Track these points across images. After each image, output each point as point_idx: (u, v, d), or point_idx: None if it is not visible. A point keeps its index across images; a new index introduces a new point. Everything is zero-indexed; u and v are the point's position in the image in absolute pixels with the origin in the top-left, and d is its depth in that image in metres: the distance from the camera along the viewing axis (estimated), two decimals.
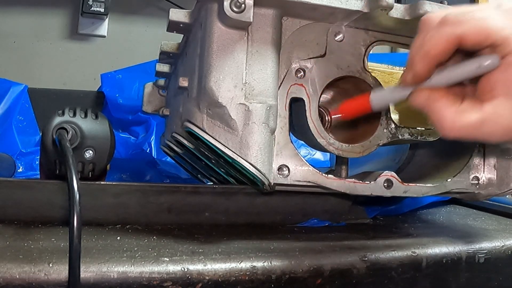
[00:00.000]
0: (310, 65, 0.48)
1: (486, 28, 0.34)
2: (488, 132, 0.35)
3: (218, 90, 0.43)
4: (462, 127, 0.35)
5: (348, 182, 0.48)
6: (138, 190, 0.48)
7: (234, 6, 0.42)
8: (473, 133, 0.35)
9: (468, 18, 0.34)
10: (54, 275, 0.33)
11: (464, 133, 0.35)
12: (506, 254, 0.49)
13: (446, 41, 0.35)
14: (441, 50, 0.35)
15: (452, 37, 0.34)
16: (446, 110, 0.35)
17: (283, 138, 0.47)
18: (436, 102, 0.36)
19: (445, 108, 0.36)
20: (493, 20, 0.34)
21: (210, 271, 0.37)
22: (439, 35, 0.35)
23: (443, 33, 0.35)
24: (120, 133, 1.00)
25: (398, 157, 0.64)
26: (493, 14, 0.34)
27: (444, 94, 0.36)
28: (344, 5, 0.45)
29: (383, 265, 0.43)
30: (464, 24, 0.34)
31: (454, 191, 0.53)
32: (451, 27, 0.34)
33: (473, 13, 0.34)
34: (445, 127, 0.36)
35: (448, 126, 0.35)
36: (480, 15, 0.34)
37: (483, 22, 0.34)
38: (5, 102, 0.96)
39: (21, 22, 1.20)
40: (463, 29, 0.34)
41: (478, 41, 0.34)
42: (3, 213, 0.45)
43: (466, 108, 0.35)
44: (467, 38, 0.34)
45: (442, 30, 0.35)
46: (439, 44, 0.35)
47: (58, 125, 0.46)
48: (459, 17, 0.34)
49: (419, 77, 0.37)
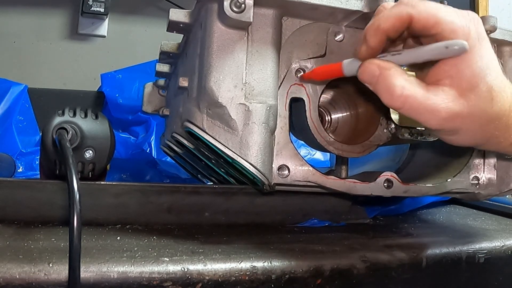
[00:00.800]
0: (310, 65, 0.48)
1: (435, 15, 0.36)
2: (429, 111, 0.36)
3: (218, 90, 0.43)
4: (409, 97, 0.36)
5: (348, 182, 0.48)
6: (138, 190, 0.48)
7: (234, 6, 0.42)
8: (417, 107, 0.36)
9: (422, 3, 0.36)
10: (54, 275, 0.33)
11: (409, 104, 0.36)
12: (506, 254, 0.49)
13: (395, 17, 0.37)
14: (391, 25, 0.37)
15: (403, 15, 0.36)
16: (397, 78, 0.37)
17: (283, 138, 0.47)
18: (387, 71, 0.37)
19: (396, 75, 0.37)
20: (445, 12, 0.36)
21: (210, 271, 0.37)
22: (390, 12, 0.37)
23: (395, 10, 0.37)
24: (120, 133, 1.00)
25: (398, 157, 0.64)
26: (446, 8, 0.36)
27: (394, 65, 0.38)
28: (344, 5, 0.45)
29: (383, 265, 0.43)
30: (417, 7, 0.36)
31: (454, 191, 0.53)
32: (404, 6, 0.37)
33: (428, 2, 0.36)
34: (394, 94, 0.36)
35: (397, 94, 0.36)
36: (434, 5, 0.36)
37: (435, 11, 0.36)
38: (5, 102, 0.96)
39: (21, 22, 1.20)
40: (415, 11, 0.36)
41: (427, 25, 0.36)
42: (3, 213, 0.45)
43: (414, 81, 0.37)
44: (417, 19, 0.36)
45: (395, 8, 0.37)
46: (389, 19, 0.37)
47: (58, 125, 0.46)
48: (415, 1, 0.37)
49: (371, 50, 0.39)
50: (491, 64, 0.37)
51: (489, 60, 0.37)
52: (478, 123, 0.37)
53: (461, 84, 0.36)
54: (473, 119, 0.37)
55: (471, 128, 0.38)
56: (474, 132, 0.38)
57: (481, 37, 0.37)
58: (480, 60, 0.36)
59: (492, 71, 0.37)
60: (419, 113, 0.37)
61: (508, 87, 0.38)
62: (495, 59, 0.38)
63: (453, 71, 0.36)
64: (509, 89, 0.38)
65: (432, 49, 0.36)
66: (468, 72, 0.36)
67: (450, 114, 0.36)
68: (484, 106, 0.37)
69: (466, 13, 0.37)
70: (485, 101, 0.37)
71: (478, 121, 0.37)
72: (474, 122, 0.37)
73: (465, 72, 0.36)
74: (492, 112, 0.37)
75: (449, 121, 0.37)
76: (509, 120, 0.38)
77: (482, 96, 0.36)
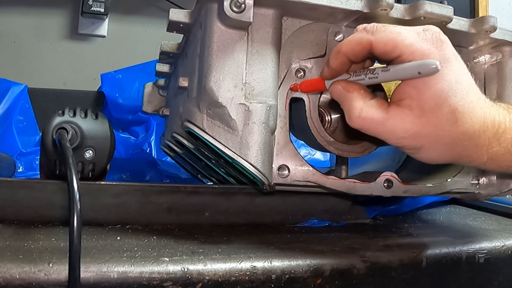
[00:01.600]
0: (310, 65, 0.48)
1: (394, 39, 0.37)
2: (386, 131, 0.39)
3: (218, 90, 0.43)
4: (366, 119, 0.39)
5: (348, 182, 0.48)
6: (138, 190, 0.48)
7: (234, 6, 0.42)
8: (375, 128, 0.39)
9: (382, 30, 0.38)
10: (54, 275, 0.33)
11: (367, 126, 0.39)
12: (506, 254, 0.49)
13: (356, 43, 0.39)
14: (351, 49, 0.40)
15: (363, 41, 0.39)
16: (357, 101, 0.39)
17: (283, 138, 0.47)
18: (349, 93, 0.40)
19: (356, 99, 0.40)
20: (404, 36, 0.37)
21: (210, 271, 0.37)
22: (352, 37, 0.40)
23: (357, 36, 0.40)
24: (120, 133, 1.00)
25: (398, 157, 0.64)
26: (406, 31, 0.38)
27: (357, 88, 0.40)
28: (344, 5, 0.45)
29: (383, 265, 0.43)
30: (377, 33, 0.38)
31: (454, 191, 0.53)
32: (365, 33, 0.39)
33: (389, 27, 0.38)
34: (352, 115, 0.40)
35: (354, 116, 0.39)
36: (393, 29, 0.38)
37: (395, 35, 0.38)
38: (5, 102, 0.96)
39: (21, 22, 1.20)
40: (374, 37, 0.38)
41: (386, 50, 0.38)
42: (3, 213, 0.45)
43: (373, 104, 0.39)
44: (376, 45, 0.38)
45: (357, 34, 0.40)
46: (349, 44, 0.40)
47: (58, 125, 0.46)
48: (377, 27, 0.39)
49: (332, 70, 0.42)
50: (457, 86, 0.37)
51: (454, 82, 0.37)
52: (442, 142, 0.38)
53: (421, 105, 0.37)
54: (435, 139, 0.38)
55: (435, 147, 0.39)
56: (440, 151, 0.39)
57: (445, 59, 0.37)
58: (442, 82, 0.37)
59: (458, 93, 0.37)
60: (378, 133, 0.39)
61: (479, 108, 0.38)
62: (464, 80, 0.38)
63: (414, 93, 0.37)
64: (480, 109, 0.38)
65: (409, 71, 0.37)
66: (428, 94, 0.37)
67: (407, 133, 0.38)
68: (448, 128, 0.37)
69: (431, 36, 0.38)
70: (448, 122, 0.37)
71: (441, 140, 0.38)
72: (437, 141, 0.38)
73: (425, 94, 0.37)
74: (458, 133, 0.38)
75: (409, 140, 0.38)
76: (480, 140, 0.38)
77: (444, 118, 0.37)
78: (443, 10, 0.46)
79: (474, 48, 0.54)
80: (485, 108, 0.38)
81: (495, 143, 0.39)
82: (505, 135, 0.39)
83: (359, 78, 0.41)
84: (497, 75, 0.53)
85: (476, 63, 0.54)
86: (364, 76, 0.40)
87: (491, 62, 0.53)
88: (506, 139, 0.39)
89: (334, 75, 0.42)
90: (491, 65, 0.54)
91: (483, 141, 0.38)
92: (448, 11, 0.46)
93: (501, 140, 0.39)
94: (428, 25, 0.39)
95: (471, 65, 0.54)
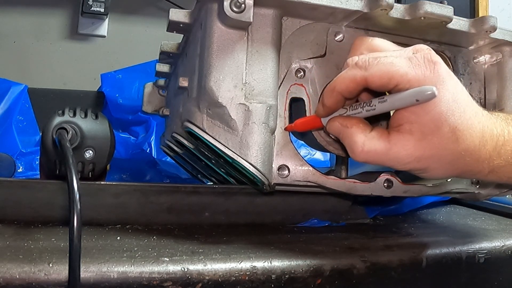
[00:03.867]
0: (310, 65, 0.48)
1: (388, 72, 0.37)
2: (391, 159, 0.39)
3: (218, 90, 0.43)
4: (369, 152, 0.39)
5: (348, 182, 0.48)
6: (138, 190, 0.48)
7: (234, 6, 0.42)
8: (380, 158, 0.39)
9: (375, 63, 0.38)
10: (54, 275, 0.33)
11: (372, 158, 0.39)
12: (506, 254, 0.49)
13: (350, 80, 0.39)
14: (345, 88, 0.40)
15: (357, 78, 0.39)
16: (357, 136, 0.39)
17: (283, 138, 0.47)
18: (348, 129, 0.40)
19: (356, 134, 0.40)
20: (397, 66, 0.37)
21: (210, 271, 0.37)
22: (346, 75, 0.39)
23: (350, 73, 0.39)
24: (120, 133, 1.00)
25: None
26: (398, 60, 0.37)
27: (356, 123, 0.40)
28: (344, 5, 0.45)
29: (383, 265, 0.43)
30: (370, 68, 0.38)
31: (454, 191, 0.53)
32: (358, 69, 0.39)
33: (380, 59, 0.38)
34: (355, 151, 0.40)
35: (358, 151, 0.39)
36: (386, 61, 0.38)
37: (388, 67, 0.37)
38: (5, 102, 0.96)
39: (21, 22, 1.20)
40: (369, 73, 0.38)
41: (382, 83, 0.38)
42: (3, 213, 0.45)
43: (374, 136, 0.39)
44: (371, 80, 0.38)
45: (350, 71, 0.39)
46: (344, 82, 0.40)
47: (58, 125, 0.46)
48: (368, 61, 0.38)
49: (327, 108, 0.42)
50: (454, 105, 0.37)
51: (451, 101, 0.37)
52: (446, 161, 0.38)
53: (421, 128, 0.37)
54: (439, 158, 0.38)
55: (439, 166, 0.39)
56: (444, 169, 0.39)
57: (440, 80, 0.37)
58: (440, 105, 0.37)
59: (456, 111, 0.37)
60: (383, 163, 0.39)
61: (477, 122, 0.38)
62: (460, 97, 0.38)
63: (413, 118, 0.38)
64: (478, 124, 0.38)
65: (401, 99, 0.37)
66: (427, 118, 0.37)
67: (412, 158, 0.38)
68: (450, 146, 0.37)
69: (423, 60, 0.38)
70: (450, 141, 0.37)
71: (444, 159, 0.38)
72: (440, 161, 0.38)
73: (424, 118, 0.37)
74: (460, 150, 0.38)
75: (414, 163, 0.39)
76: (481, 155, 0.38)
77: (446, 138, 0.37)
78: (443, 10, 0.46)
79: (474, 48, 0.54)
80: (484, 122, 0.38)
81: (496, 156, 0.39)
82: (505, 147, 0.39)
83: (356, 112, 0.41)
84: (497, 75, 0.53)
85: (476, 63, 0.54)
86: (361, 109, 0.40)
87: (491, 62, 0.53)
88: (506, 151, 0.39)
89: (330, 112, 0.42)
90: (491, 65, 0.54)
91: (484, 155, 0.38)
92: (448, 11, 0.46)
93: (501, 152, 0.39)
94: (418, 45, 0.39)
95: (471, 65, 0.54)
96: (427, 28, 0.48)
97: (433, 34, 0.51)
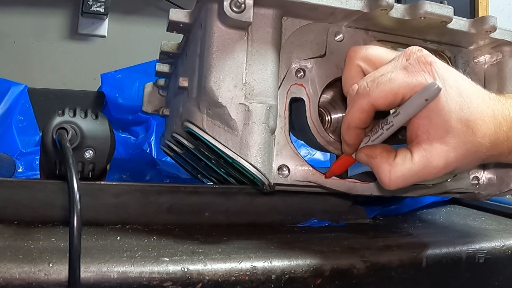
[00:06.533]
0: (310, 65, 0.48)
1: (390, 90, 0.38)
2: (422, 177, 0.39)
3: (218, 90, 0.43)
4: (397, 179, 0.39)
5: (348, 182, 0.48)
6: (138, 190, 0.48)
7: (234, 6, 0.42)
8: (409, 181, 0.39)
9: (375, 86, 0.38)
10: (54, 275, 0.33)
11: (402, 184, 0.39)
12: (506, 254, 0.49)
13: (360, 112, 0.40)
14: (358, 121, 0.40)
15: (365, 107, 0.39)
16: (382, 166, 0.40)
17: (283, 138, 0.47)
18: (373, 160, 0.41)
19: (381, 164, 0.40)
20: (396, 81, 0.38)
21: (210, 271, 0.37)
22: (354, 108, 0.40)
23: (356, 105, 0.40)
24: (120, 133, 1.00)
25: None
26: (395, 75, 0.38)
27: (380, 152, 0.40)
28: (344, 5, 0.45)
29: (383, 265, 0.43)
30: (372, 92, 0.38)
31: (454, 191, 0.53)
32: (362, 98, 0.39)
33: (378, 79, 0.39)
34: (384, 181, 0.40)
35: (386, 181, 0.40)
36: (384, 79, 0.38)
37: (388, 86, 0.38)
38: (5, 102, 0.96)
39: (21, 22, 1.20)
40: (373, 97, 0.38)
41: (388, 102, 0.38)
42: (3, 213, 0.45)
43: (399, 162, 0.39)
44: (378, 103, 0.39)
45: (356, 104, 0.40)
46: (355, 116, 0.40)
47: (58, 125, 0.46)
48: (368, 86, 0.39)
49: (352, 145, 0.43)
50: (460, 99, 0.38)
51: (457, 96, 0.38)
52: (469, 154, 0.39)
53: (437, 133, 0.38)
54: (464, 156, 0.38)
55: (466, 162, 0.39)
56: (471, 162, 0.40)
57: (440, 78, 0.37)
58: (448, 103, 0.37)
59: (464, 105, 0.38)
60: (415, 181, 0.39)
61: (486, 107, 0.38)
62: (463, 89, 0.38)
63: (427, 124, 0.38)
64: (488, 109, 0.38)
65: (412, 104, 0.38)
66: (440, 119, 0.37)
67: (439, 168, 0.38)
68: (469, 139, 0.38)
69: (417, 64, 0.38)
70: (466, 135, 0.38)
71: (469, 153, 0.38)
72: (466, 157, 0.39)
73: (437, 121, 0.38)
74: (479, 140, 0.38)
75: (443, 171, 0.39)
76: (498, 137, 0.39)
77: (462, 133, 0.37)
78: (443, 10, 0.46)
79: (474, 48, 0.54)
80: (493, 106, 0.39)
81: None
82: None
83: (379, 135, 0.41)
84: (497, 75, 0.53)
85: (476, 63, 0.54)
86: (381, 131, 0.41)
87: (491, 62, 0.53)
88: None
89: (356, 148, 0.43)
90: (491, 65, 0.54)
91: (502, 137, 0.39)
92: (448, 11, 0.46)
93: None
94: (408, 49, 0.39)
95: (471, 65, 0.54)
96: (427, 28, 0.48)
97: (433, 34, 0.51)
